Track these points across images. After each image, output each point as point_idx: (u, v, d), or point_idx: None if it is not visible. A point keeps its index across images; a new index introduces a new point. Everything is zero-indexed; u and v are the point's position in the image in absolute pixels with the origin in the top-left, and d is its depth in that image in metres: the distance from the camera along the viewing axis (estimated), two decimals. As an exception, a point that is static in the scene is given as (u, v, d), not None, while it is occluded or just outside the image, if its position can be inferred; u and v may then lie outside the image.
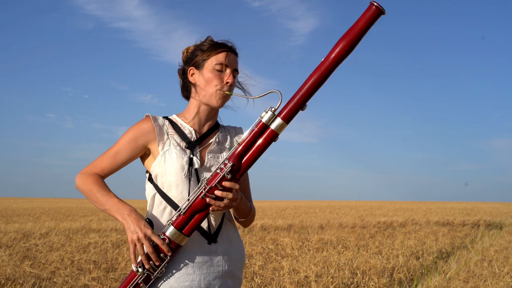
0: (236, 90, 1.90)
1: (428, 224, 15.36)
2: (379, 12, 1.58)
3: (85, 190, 1.78)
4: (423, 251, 8.32)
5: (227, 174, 1.66)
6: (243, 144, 1.68)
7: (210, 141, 1.88)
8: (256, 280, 5.40)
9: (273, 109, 1.67)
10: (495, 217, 20.15)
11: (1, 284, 4.99)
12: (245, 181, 1.99)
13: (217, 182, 1.66)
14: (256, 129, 1.68)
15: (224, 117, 2.03)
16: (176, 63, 1.99)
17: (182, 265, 1.74)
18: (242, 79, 1.95)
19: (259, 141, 1.68)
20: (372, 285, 5.44)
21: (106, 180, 1.84)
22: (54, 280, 5.29)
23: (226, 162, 1.67)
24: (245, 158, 1.69)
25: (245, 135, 1.70)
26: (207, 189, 1.66)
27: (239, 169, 1.68)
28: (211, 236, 1.78)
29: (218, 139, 1.90)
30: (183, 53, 1.94)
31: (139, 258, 1.72)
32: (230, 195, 1.66)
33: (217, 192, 1.66)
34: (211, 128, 1.91)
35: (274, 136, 1.67)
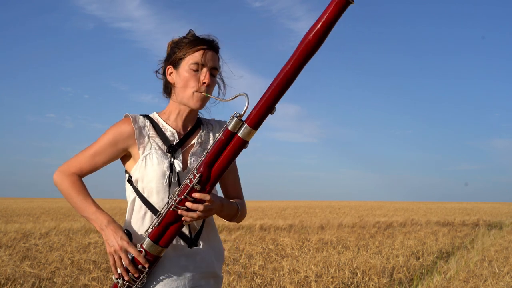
0: (216, 89, 1.83)
1: (428, 224, 15.36)
2: (346, 2, 1.44)
3: (63, 190, 1.75)
4: (423, 251, 8.31)
5: (195, 185, 1.59)
6: (210, 153, 1.60)
7: (193, 142, 1.81)
8: (256, 280, 5.40)
9: (238, 115, 1.57)
10: (495, 217, 20.15)
11: (1, 284, 4.99)
12: (233, 174, 1.91)
13: (186, 194, 1.60)
14: (222, 137, 1.59)
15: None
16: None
17: (165, 272, 1.72)
18: (226, 74, 1.86)
19: (227, 150, 1.59)
20: (372, 285, 5.44)
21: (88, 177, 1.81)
22: (54, 280, 5.29)
23: (195, 172, 1.60)
24: (214, 168, 1.61)
25: (211, 143, 1.63)
26: (177, 201, 1.60)
27: (208, 179, 1.61)
28: (192, 240, 1.75)
29: (201, 139, 1.83)
30: (168, 47, 1.85)
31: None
32: (200, 207, 1.59)
33: (188, 204, 1.60)
34: (193, 127, 1.84)
35: (242, 143, 1.58)
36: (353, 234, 10.95)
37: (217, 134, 1.83)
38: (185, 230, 1.75)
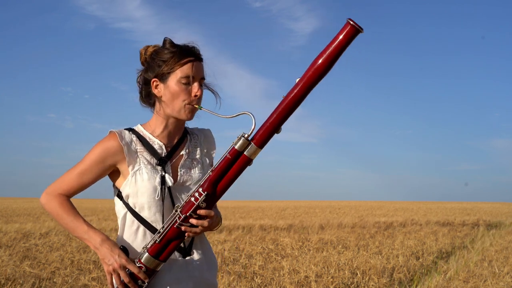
0: (213, 99, 1.82)
1: (428, 224, 15.36)
2: (356, 31, 1.49)
3: (52, 212, 1.72)
4: (423, 251, 8.32)
5: (201, 203, 1.61)
6: (216, 171, 1.62)
7: (181, 153, 1.80)
8: (256, 280, 5.40)
9: (245, 135, 1.60)
10: (495, 217, 20.15)
11: (1, 284, 4.99)
12: None
13: (191, 211, 1.62)
14: (229, 156, 1.61)
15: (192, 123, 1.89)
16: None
17: (159, 284, 1.71)
18: (209, 80, 1.84)
19: (233, 168, 1.63)
20: (372, 285, 5.44)
21: None
22: (54, 280, 5.29)
23: (200, 190, 1.62)
24: (219, 185, 1.64)
25: (217, 162, 1.63)
26: (182, 218, 1.62)
27: (213, 197, 1.64)
28: (185, 251, 1.76)
29: (188, 149, 1.82)
30: (140, 54, 1.81)
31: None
32: (205, 223, 1.63)
33: (193, 221, 1.62)
34: (180, 138, 1.83)
35: (247, 161, 1.62)
36: (353, 234, 10.95)
37: (202, 138, 1.87)
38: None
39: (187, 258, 1.76)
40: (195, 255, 1.78)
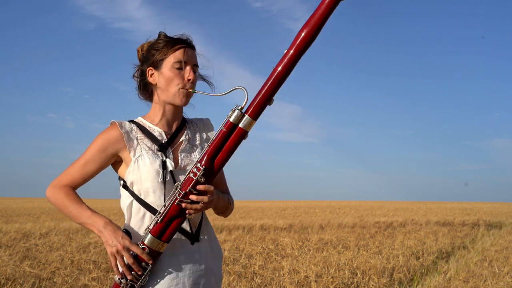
0: (199, 85, 1.86)
1: (428, 224, 15.36)
2: (336, 0, 1.56)
3: (57, 203, 1.75)
4: (423, 251, 8.31)
5: (200, 178, 1.63)
6: (213, 146, 1.65)
7: (181, 139, 1.84)
8: (256, 280, 5.40)
9: (239, 107, 1.64)
10: (495, 217, 20.14)
11: (1, 284, 4.99)
12: (221, 176, 1.95)
13: (191, 187, 1.63)
14: (224, 129, 1.64)
15: (188, 113, 1.97)
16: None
17: (166, 269, 1.73)
18: (204, 72, 1.90)
19: (229, 141, 1.65)
20: (372, 285, 5.44)
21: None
22: (54, 280, 5.29)
23: (198, 165, 1.64)
24: (216, 159, 1.66)
25: (213, 136, 1.67)
26: (181, 195, 1.63)
27: (211, 171, 1.65)
28: (193, 236, 1.77)
29: (188, 136, 1.86)
30: (138, 52, 1.89)
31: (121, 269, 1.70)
32: (205, 198, 1.64)
33: (192, 197, 1.63)
34: (179, 126, 1.87)
35: (243, 134, 1.65)
36: (353, 234, 10.95)
37: (201, 126, 1.91)
38: (186, 226, 1.77)
39: (195, 245, 1.77)
40: (202, 243, 1.80)
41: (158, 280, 1.72)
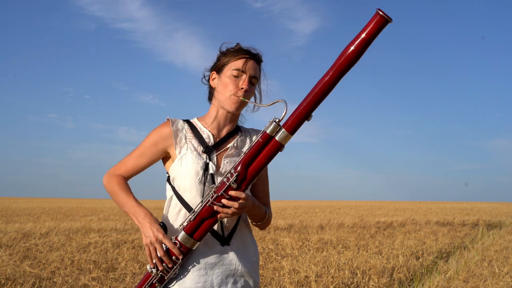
0: (253, 99, 1.91)
1: (428, 224, 15.36)
2: (385, 21, 1.56)
3: (109, 190, 1.87)
4: (423, 251, 8.31)
5: (232, 183, 1.69)
6: (248, 154, 1.70)
7: (228, 146, 1.89)
8: (256, 280, 5.39)
9: (277, 119, 1.67)
10: (495, 217, 20.14)
11: (1, 284, 4.99)
12: (264, 187, 2.00)
13: (223, 191, 1.70)
14: (260, 140, 1.69)
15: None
16: (177, 64, 2.00)
17: (195, 266, 1.80)
18: (264, 88, 1.96)
19: (264, 152, 1.69)
20: (372, 285, 5.44)
21: (132, 179, 1.92)
22: (54, 280, 5.29)
23: (232, 171, 1.70)
24: (250, 168, 1.71)
25: (250, 145, 1.72)
26: (214, 197, 1.70)
27: (244, 179, 1.71)
28: (224, 239, 1.83)
29: (237, 143, 1.91)
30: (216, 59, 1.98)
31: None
32: (236, 204, 1.69)
33: (224, 201, 1.69)
34: (230, 132, 1.92)
35: (279, 147, 1.68)
36: (353, 234, 10.95)
37: (254, 137, 1.94)
38: (218, 229, 1.83)
39: (225, 247, 1.83)
40: (233, 246, 1.85)
41: (187, 275, 1.79)
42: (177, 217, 1.83)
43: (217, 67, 1.90)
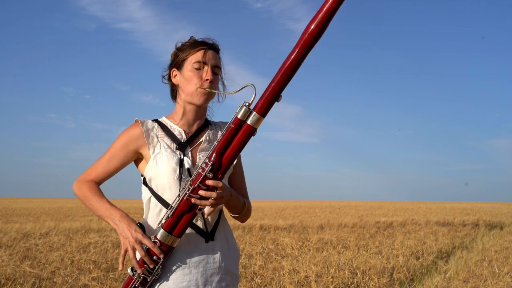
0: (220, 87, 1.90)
1: (428, 224, 15.36)
2: None
3: (81, 196, 1.83)
4: (423, 251, 8.32)
5: (208, 173, 1.65)
6: (221, 142, 1.67)
7: (201, 140, 1.88)
8: (256, 280, 5.40)
9: (247, 103, 1.65)
10: (495, 217, 20.14)
11: (1, 284, 4.99)
12: (239, 177, 1.98)
13: (199, 182, 1.66)
14: (232, 125, 1.65)
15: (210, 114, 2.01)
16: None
17: (179, 265, 1.76)
18: (229, 75, 1.94)
19: (237, 138, 1.66)
20: (372, 285, 5.44)
21: (107, 182, 1.88)
22: (54, 280, 5.29)
23: (207, 161, 1.66)
24: (224, 156, 1.67)
25: (222, 132, 1.68)
26: (190, 190, 1.66)
27: (220, 167, 1.67)
28: (208, 234, 1.80)
29: (209, 137, 1.89)
30: (171, 57, 1.94)
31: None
32: (214, 194, 1.65)
33: (201, 192, 1.65)
34: (200, 127, 1.91)
35: (251, 131, 1.65)
36: (353, 234, 10.95)
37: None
38: (200, 225, 1.80)
39: (209, 243, 1.80)
40: (217, 242, 1.83)
41: (170, 275, 1.75)
42: (158, 217, 1.79)
43: (177, 64, 1.87)
